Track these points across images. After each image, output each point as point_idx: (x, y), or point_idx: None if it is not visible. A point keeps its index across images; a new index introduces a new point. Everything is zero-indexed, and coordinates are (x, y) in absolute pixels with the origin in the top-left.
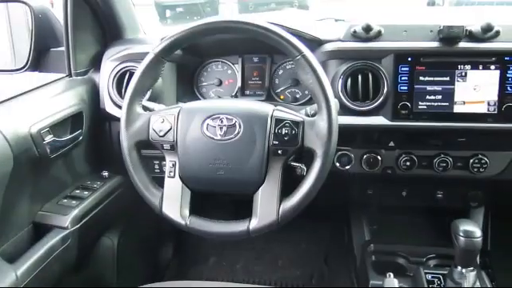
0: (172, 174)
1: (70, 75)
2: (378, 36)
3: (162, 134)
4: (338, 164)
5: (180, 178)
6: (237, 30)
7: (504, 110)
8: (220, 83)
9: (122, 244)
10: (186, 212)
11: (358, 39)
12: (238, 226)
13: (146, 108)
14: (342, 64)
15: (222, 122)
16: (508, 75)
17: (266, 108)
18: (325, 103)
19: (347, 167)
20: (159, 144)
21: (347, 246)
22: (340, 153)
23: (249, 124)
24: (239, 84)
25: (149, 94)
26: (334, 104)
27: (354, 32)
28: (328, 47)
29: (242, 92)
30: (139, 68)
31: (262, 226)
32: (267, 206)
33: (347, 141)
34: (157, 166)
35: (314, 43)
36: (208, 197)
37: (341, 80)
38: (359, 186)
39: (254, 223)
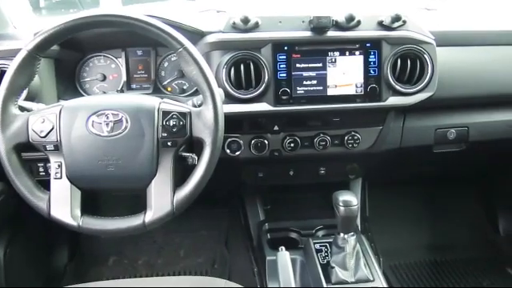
0: (58, 175)
1: None
2: (255, 27)
3: (43, 134)
4: (228, 151)
5: (68, 178)
6: (115, 24)
7: (369, 91)
8: (104, 78)
9: (9, 255)
10: (78, 212)
11: (238, 30)
12: (133, 221)
13: (23, 108)
14: (225, 54)
15: (107, 117)
16: (370, 60)
17: (153, 101)
18: (209, 93)
19: (237, 153)
20: (41, 145)
21: (244, 227)
22: (229, 140)
23: (136, 118)
24: (124, 78)
25: (25, 93)
26: (219, 93)
27: (234, 23)
28: (210, 39)
29: (127, 86)
30: (11, 66)
31: (158, 217)
32: (161, 198)
33: (235, 128)
34: (41, 169)
35: (196, 35)
36: (102, 195)
37: (224, 70)
38: (250, 169)
39: (150, 216)
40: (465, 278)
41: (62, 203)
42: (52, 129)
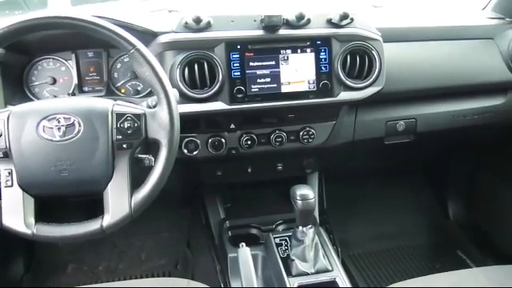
0: (9, 183)
1: None
2: (208, 26)
3: None
4: (185, 151)
5: (19, 185)
6: (64, 26)
7: (321, 87)
8: (54, 81)
9: None
10: (31, 220)
11: (190, 30)
12: (90, 226)
13: None
14: (178, 54)
15: (59, 122)
16: (321, 57)
17: (105, 103)
18: (163, 94)
19: (195, 153)
20: None
21: (205, 226)
22: (186, 140)
23: (89, 121)
24: (75, 81)
25: None
26: (173, 94)
27: (186, 23)
28: (162, 39)
29: (79, 89)
30: None
31: (116, 221)
32: (118, 201)
33: (192, 127)
34: None
35: (148, 35)
36: (57, 201)
37: (178, 70)
38: (208, 168)
39: (108, 219)
40: (419, 263)
41: (14, 211)
42: (0, 135)
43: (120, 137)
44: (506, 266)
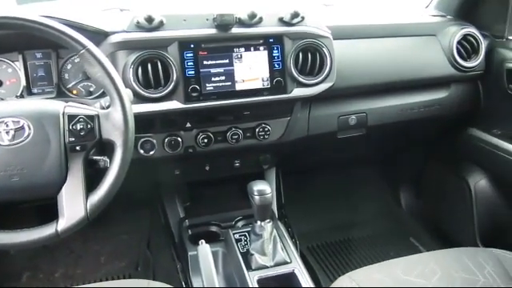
0: None
1: None
2: (160, 26)
3: None
4: (142, 151)
5: None
6: (10, 27)
7: (275, 84)
8: (0, 84)
9: None
10: None
11: (142, 29)
12: (45, 231)
13: None
14: (131, 54)
15: (7, 126)
16: (273, 54)
17: (56, 105)
18: (116, 94)
19: (151, 153)
20: None
21: (165, 226)
22: (142, 140)
23: (39, 124)
24: (23, 83)
25: None
26: (127, 94)
27: (138, 22)
28: (114, 39)
29: (28, 91)
30: None
31: (72, 224)
32: (73, 204)
33: (147, 127)
34: None
35: (99, 35)
36: (7, 207)
37: (131, 70)
38: (166, 168)
39: (63, 223)
40: (374, 251)
41: None
42: None
43: (73, 139)
44: (452, 249)
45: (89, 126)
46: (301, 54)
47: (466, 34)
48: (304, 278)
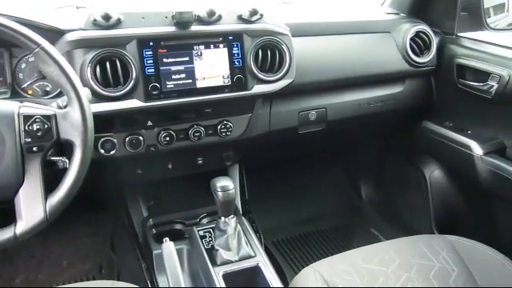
0: None
1: None
2: (118, 23)
3: None
4: (102, 151)
5: None
6: None
7: (235, 81)
8: None
9: None
10: None
11: (100, 27)
12: (2, 234)
13: None
14: (88, 53)
15: None
16: (233, 52)
17: (11, 106)
18: (74, 93)
19: (112, 152)
20: None
21: (129, 227)
22: (102, 139)
23: None
24: None
25: None
26: (85, 93)
27: (94, 20)
28: (70, 37)
29: None
30: None
31: (31, 227)
32: (32, 206)
33: (107, 127)
34: None
35: (54, 33)
36: None
37: (89, 68)
38: (128, 167)
39: (21, 226)
40: (337, 242)
41: None
42: None
43: (29, 140)
44: (410, 237)
45: (46, 127)
46: (260, 51)
47: (418, 31)
48: (268, 271)
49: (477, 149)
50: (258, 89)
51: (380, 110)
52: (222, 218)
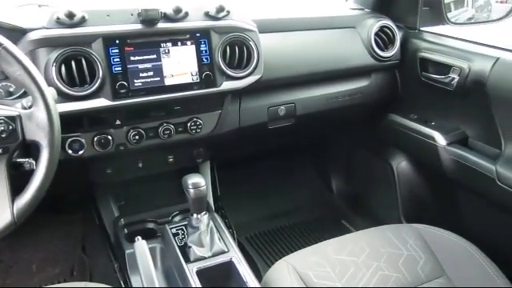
0: None
1: None
2: (82, 22)
3: None
4: (70, 151)
5: None
6: None
7: (204, 78)
8: None
9: None
10: None
11: (63, 26)
12: None
13: None
14: (53, 51)
15: None
16: (201, 49)
17: None
18: (39, 93)
19: (80, 152)
20: None
21: (100, 228)
22: (70, 140)
23: None
24: None
25: None
26: (50, 92)
27: (58, 19)
28: (33, 36)
29: None
30: None
31: None
32: None
33: (75, 126)
34: None
35: (16, 32)
36: None
37: (54, 68)
38: (97, 167)
39: None
40: (309, 235)
41: None
42: None
43: None
44: (379, 227)
45: (10, 128)
46: (228, 48)
47: (382, 26)
48: (242, 266)
49: (440, 139)
50: (227, 85)
51: (347, 103)
52: (195, 215)
